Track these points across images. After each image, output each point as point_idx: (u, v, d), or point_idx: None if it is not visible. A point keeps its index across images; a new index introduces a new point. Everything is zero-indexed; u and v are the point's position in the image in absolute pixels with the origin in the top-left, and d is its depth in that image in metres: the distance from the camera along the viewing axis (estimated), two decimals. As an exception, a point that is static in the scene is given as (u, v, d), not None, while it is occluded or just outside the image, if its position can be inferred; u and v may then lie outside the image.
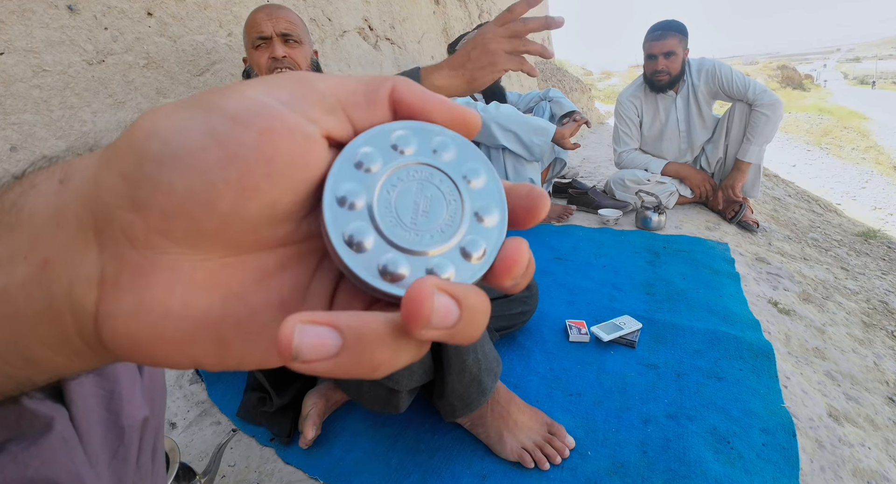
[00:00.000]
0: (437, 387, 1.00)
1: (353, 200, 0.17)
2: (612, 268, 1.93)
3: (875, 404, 1.37)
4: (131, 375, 0.46)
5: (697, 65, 2.50)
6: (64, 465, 0.36)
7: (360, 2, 2.41)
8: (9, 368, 0.18)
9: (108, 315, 0.16)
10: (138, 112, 1.35)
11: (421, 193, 0.18)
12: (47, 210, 0.17)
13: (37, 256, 0.16)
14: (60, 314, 0.16)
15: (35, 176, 0.18)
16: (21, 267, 0.16)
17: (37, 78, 1.13)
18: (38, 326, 0.17)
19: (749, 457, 1.01)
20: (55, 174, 0.18)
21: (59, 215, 0.16)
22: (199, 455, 1.13)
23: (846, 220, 3.99)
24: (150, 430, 0.48)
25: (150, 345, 0.16)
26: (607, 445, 1.05)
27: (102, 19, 1.26)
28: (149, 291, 0.16)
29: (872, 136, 11.73)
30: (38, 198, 0.17)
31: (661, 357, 1.33)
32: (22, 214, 0.17)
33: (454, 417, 1.01)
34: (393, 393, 0.95)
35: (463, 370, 0.96)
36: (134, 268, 0.16)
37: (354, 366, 0.15)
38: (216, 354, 0.17)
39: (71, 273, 0.16)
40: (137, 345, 0.16)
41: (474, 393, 0.99)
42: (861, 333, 1.79)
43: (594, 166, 3.93)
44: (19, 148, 1.10)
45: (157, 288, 0.16)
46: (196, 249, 0.16)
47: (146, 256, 0.16)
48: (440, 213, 0.18)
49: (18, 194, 0.17)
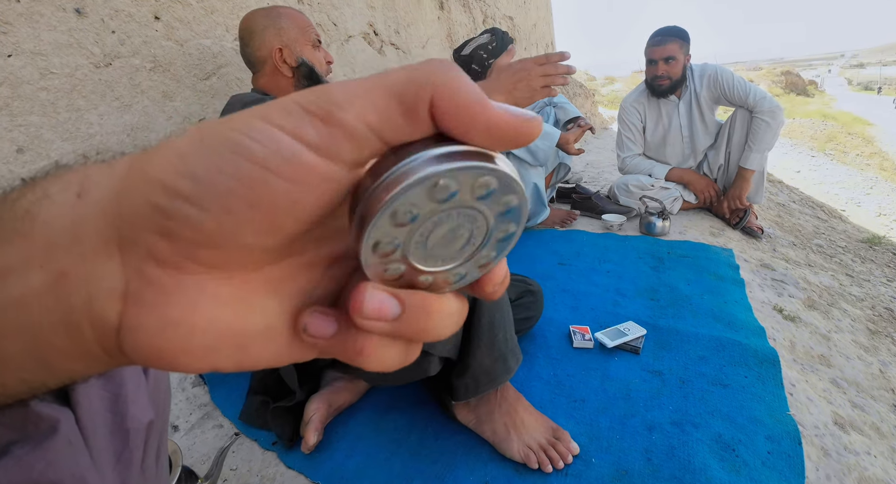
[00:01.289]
0: (460, 365, 1.04)
1: (387, 249, 0.18)
2: (616, 273, 1.93)
3: (881, 412, 1.36)
4: (136, 377, 0.46)
5: (700, 70, 2.50)
6: (68, 468, 0.36)
7: (366, 7, 2.42)
8: (23, 373, 0.18)
9: (133, 329, 0.16)
10: (145, 115, 1.36)
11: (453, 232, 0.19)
12: (63, 222, 0.17)
13: (53, 266, 0.16)
14: (79, 325, 0.17)
15: (47, 184, 0.18)
16: (37, 276, 0.16)
17: (44, 80, 1.13)
18: (55, 336, 0.17)
19: (754, 465, 1.01)
20: (70, 186, 0.17)
21: (76, 228, 0.16)
22: (200, 458, 1.13)
23: (851, 227, 3.97)
24: (154, 433, 0.48)
25: (172, 356, 0.17)
26: (611, 452, 1.04)
27: (110, 23, 1.26)
28: (175, 309, 0.16)
29: (877, 142, 11.70)
30: (53, 208, 0.17)
31: (666, 364, 1.33)
32: (35, 224, 0.17)
33: (477, 392, 1.04)
34: (426, 356, 0.99)
35: (493, 345, 1.03)
36: (160, 286, 0.16)
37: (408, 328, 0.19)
38: (235, 359, 0.18)
39: (91, 286, 0.16)
40: (160, 356, 0.17)
41: (500, 369, 1.04)
42: (866, 340, 1.78)
43: (597, 171, 3.93)
44: (26, 150, 1.11)
45: (184, 306, 0.16)
46: (221, 270, 0.17)
47: (172, 275, 0.16)
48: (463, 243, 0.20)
49: (31, 203, 0.17)
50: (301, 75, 1.33)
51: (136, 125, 1.34)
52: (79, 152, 1.20)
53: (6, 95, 1.07)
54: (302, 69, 1.33)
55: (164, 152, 0.16)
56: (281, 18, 1.35)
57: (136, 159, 0.17)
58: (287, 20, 1.35)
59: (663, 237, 2.32)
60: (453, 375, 1.05)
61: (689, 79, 2.52)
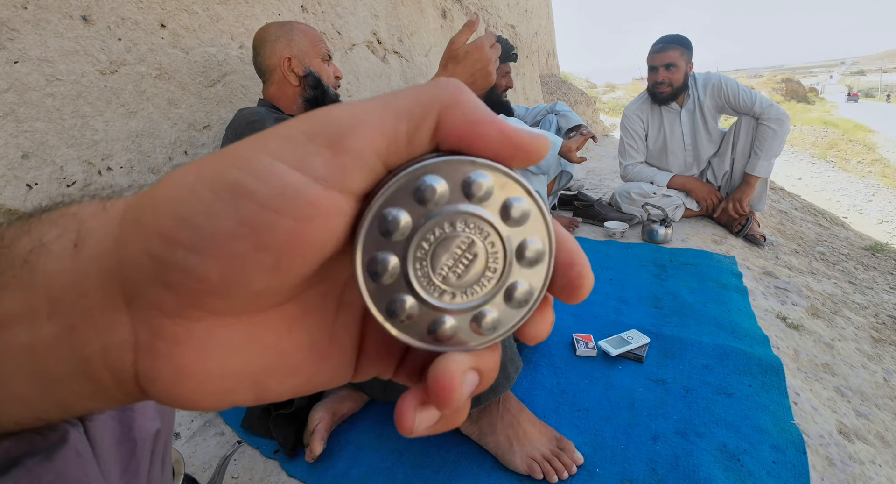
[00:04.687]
0: None
1: (385, 273, 0.16)
2: (619, 281, 1.92)
3: (885, 421, 1.35)
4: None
5: (703, 79, 2.52)
6: (77, 479, 0.36)
7: (369, 16, 2.43)
8: (39, 413, 0.18)
9: (150, 379, 0.16)
10: (150, 122, 1.36)
11: (455, 244, 0.17)
12: (63, 275, 0.16)
13: (62, 320, 0.16)
14: (97, 373, 0.16)
15: (43, 230, 0.17)
16: (46, 328, 0.16)
17: (50, 87, 1.14)
18: (73, 383, 0.17)
19: (759, 475, 1.00)
20: (66, 234, 0.17)
21: (78, 283, 0.16)
22: (202, 466, 1.12)
23: (853, 234, 3.97)
24: (160, 442, 0.47)
25: (192, 402, 0.17)
26: (616, 462, 1.04)
27: (116, 30, 1.27)
28: (187, 359, 0.16)
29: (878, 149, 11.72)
30: (51, 260, 0.16)
31: (670, 372, 1.32)
32: (35, 275, 0.16)
33: (478, 404, 1.02)
34: None
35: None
36: (169, 337, 0.16)
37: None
38: (254, 396, 0.18)
39: (103, 338, 0.16)
40: (181, 402, 0.17)
41: (500, 378, 1.01)
42: (870, 349, 1.77)
43: (599, 178, 3.93)
44: (31, 155, 1.11)
45: (195, 354, 0.16)
46: (230, 315, 0.16)
47: (180, 325, 0.16)
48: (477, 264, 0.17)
49: (28, 251, 0.17)
50: (308, 85, 1.34)
51: (142, 132, 1.34)
52: (84, 158, 1.21)
53: (12, 101, 1.08)
54: (308, 79, 1.34)
55: (159, 195, 0.15)
56: (293, 31, 1.38)
57: (131, 206, 0.16)
58: (299, 33, 1.39)
59: (666, 245, 2.31)
60: None
61: (692, 87, 2.53)
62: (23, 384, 0.17)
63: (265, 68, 1.38)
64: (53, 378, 0.17)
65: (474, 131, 0.16)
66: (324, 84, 1.35)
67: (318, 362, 0.19)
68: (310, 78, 1.34)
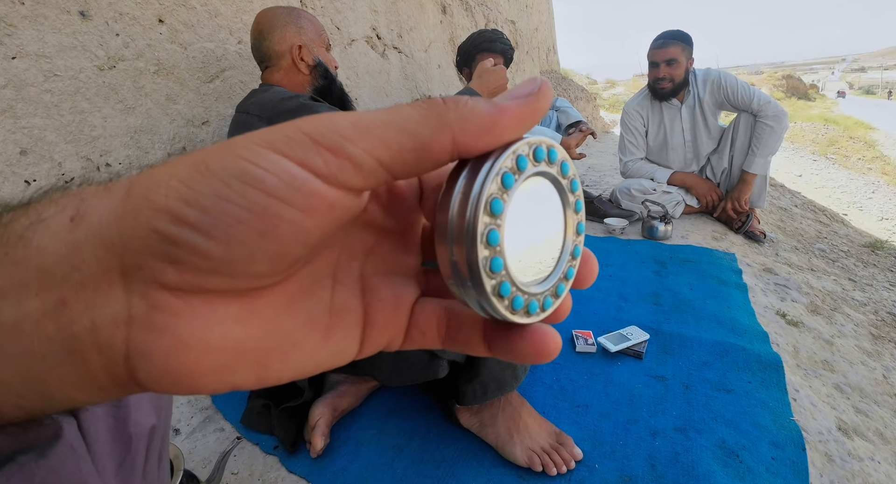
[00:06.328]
0: (468, 371, 1.04)
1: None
2: (619, 278, 1.92)
3: (884, 418, 1.35)
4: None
5: (703, 75, 2.51)
6: (71, 474, 0.36)
7: (369, 11, 2.42)
8: (21, 400, 0.17)
9: (145, 355, 0.16)
10: (148, 118, 1.36)
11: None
12: (58, 248, 0.16)
13: (51, 295, 0.16)
14: (85, 354, 0.16)
15: (42, 208, 0.17)
16: (33, 304, 0.16)
17: (48, 82, 1.13)
18: (57, 366, 0.16)
19: (758, 471, 1.00)
20: (65, 209, 0.17)
21: (72, 255, 0.16)
22: (202, 462, 1.12)
23: (853, 231, 3.97)
24: (156, 438, 0.47)
25: (189, 379, 0.16)
26: (615, 458, 1.04)
27: (114, 25, 1.27)
28: (186, 330, 0.16)
29: (878, 146, 11.71)
30: (47, 233, 0.16)
31: (669, 369, 1.32)
32: (29, 249, 0.16)
33: (485, 399, 1.04)
34: (434, 358, 0.99)
35: None
36: (168, 308, 0.16)
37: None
38: (255, 376, 0.18)
39: (94, 313, 0.16)
40: (177, 380, 0.16)
41: (509, 376, 1.05)
42: (870, 346, 1.77)
43: (599, 175, 3.93)
44: (29, 152, 1.11)
45: (195, 326, 0.16)
46: (229, 293, 0.17)
47: (180, 297, 0.16)
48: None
49: (25, 227, 0.17)
50: (318, 75, 1.36)
51: (140, 128, 1.34)
52: (82, 155, 1.20)
53: (10, 97, 1.07)
54: (319, 69, 1.35)
55: (167, 177, 0.16)
56: (301, 18, 1.38)
57: (136, 184, 0.16)
58: (306, 21, 1.39)
59: (666, 241, 2.31)
60: (462, 380, 1.04)
61: (693, 83, 2.52)
62: (4, 366, 0.16)
63: (272, 53, 1.35)
64: (38, 359, 0.16)
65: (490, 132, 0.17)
66: (332, 74, 1.37)
67: (319, 338, 0.20)
68: (319, 68, 1.36)
